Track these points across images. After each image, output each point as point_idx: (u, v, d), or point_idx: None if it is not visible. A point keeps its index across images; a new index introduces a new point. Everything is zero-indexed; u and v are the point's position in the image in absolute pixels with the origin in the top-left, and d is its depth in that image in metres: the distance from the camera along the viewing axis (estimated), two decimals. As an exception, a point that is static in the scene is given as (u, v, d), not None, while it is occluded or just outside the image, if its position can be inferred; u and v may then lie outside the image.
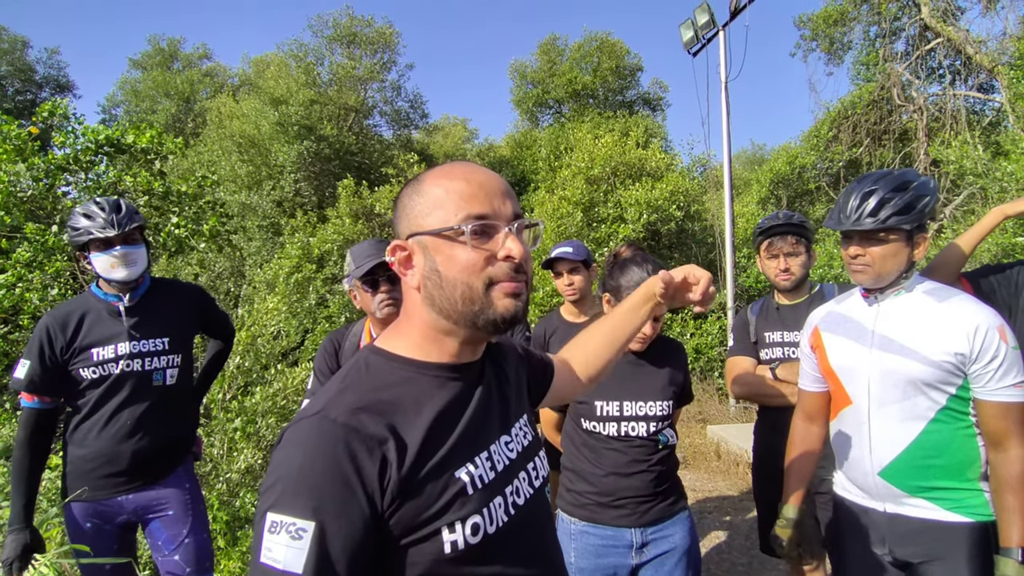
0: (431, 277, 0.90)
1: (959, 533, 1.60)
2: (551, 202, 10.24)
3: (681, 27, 8.69)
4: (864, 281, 1.71)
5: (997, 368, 1.53)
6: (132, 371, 2.21)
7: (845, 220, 1.66)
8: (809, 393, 1.94)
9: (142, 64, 22.05)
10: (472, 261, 0.87)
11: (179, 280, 2.66)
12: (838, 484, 1.88)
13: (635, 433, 1.94)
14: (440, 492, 0.85)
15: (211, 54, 23.38)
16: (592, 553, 1.95)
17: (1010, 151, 8.20)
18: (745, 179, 18.81)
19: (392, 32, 17.92)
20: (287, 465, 0.79)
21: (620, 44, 19.52)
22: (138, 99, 20.65)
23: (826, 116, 13.87)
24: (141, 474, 2.24)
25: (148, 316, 2.29)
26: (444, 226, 0.87)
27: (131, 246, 2.23)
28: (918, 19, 12.65)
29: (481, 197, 0.88)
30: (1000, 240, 6.68)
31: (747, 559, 3.81)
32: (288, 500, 0.76)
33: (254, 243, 13.61)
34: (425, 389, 0.91)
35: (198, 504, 2.39)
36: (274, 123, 14.73)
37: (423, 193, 0.91)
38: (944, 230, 10.10)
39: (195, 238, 6.41)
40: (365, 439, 0.81)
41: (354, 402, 0.85)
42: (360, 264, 2.08)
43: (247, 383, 5.35)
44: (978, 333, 1.55)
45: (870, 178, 1.68)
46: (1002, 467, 1.55)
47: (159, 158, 6.09)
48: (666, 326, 9.36)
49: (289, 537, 0.74)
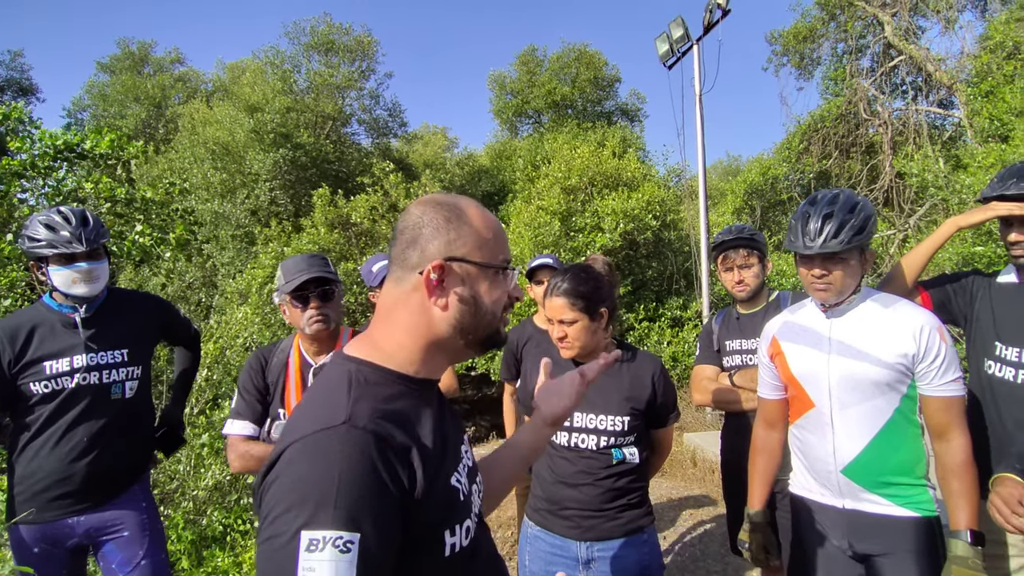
0: (469, 301, 0.97)
1: (909, 527, 1.72)
2: (529, 212, 10.24)
3: (657, 40, 8.80)
4: (827, 299, 1.80)
5: (940, 365, 1.69)
6: (89, 384, 2.13)
7: (811, 244, 1.74)
8: (769, 401, 2.02)
9: (111, 67, 21.47)
10: (500, 295, 1.00)
11: (137, 291, 2.58)
12: (796, 484, 1.97)
13: (584, 445, 1.92)
14: (446, 498, 0.90)
15: (184, 59, 22.93)
16: (542, 559, 1.96)
17: (968, 164, 8.45)
18: (721, 189, 19.08)
19: (371, 40, 17.88)
20: (318, 478, 0.76)
21: (598, 55, 19.76)
22: (106, 103, 20.13)
23: (797, 129, 14.17)
24: (94, 494, 2.14)
25: (106, 328, 2.21)
26: (491, 262, 0.98)
27: (95, 261, 2.15)
28: (882, 37, 13.03)
29: (505, 242, 1.03)
30: (960, 250, 6.86)
31: (721, 566, 3.83)
32: (330, 514, 0.73)
33: (227, 253, 13.38)
34: (418, 402, 0.95)
35: (155, 523, 2.31)
36: (249, 130, 14.52)
37: (471, 225, 0.98)
38: (908, 240, 10.36)
39: (161, 247, 6.26)
40: (394, 447, 0.83)
41: (375, 411, 0.86)
42: (290, 279, 2.04)
43: (216, 396, 5.22)
44: (922, 333, 1.70)
45: (822, 201, 1.78)
46: (946, 456, 1.71)
47: (120, 164, 5.93)
48: (643, 334, 9.40)
49: (338, 552, 0.72)
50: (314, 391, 0.96)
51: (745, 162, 25.60)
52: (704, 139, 8.43)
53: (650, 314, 9.73)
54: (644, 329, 9.44)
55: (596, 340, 1.95)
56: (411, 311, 0.96)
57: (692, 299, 9.86)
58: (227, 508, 3.73)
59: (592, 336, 1.93)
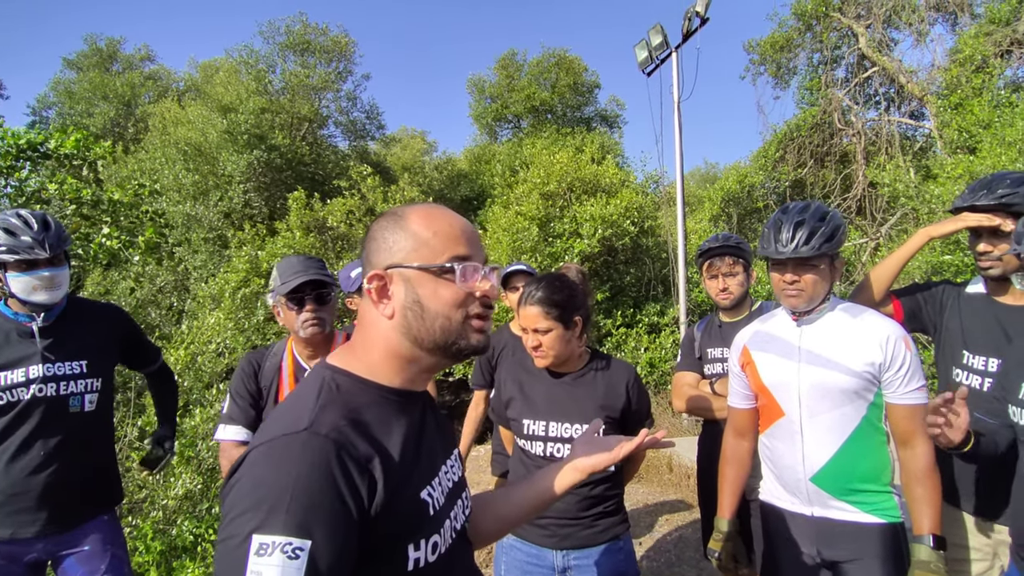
0: (412, 308, 0.95)
1: (875, 533, 1.76)
2: (507, 217, 10.22)
3: (636, 47, 8.86)
4: (798, 305, 1.83)
5: (905, 374, 1.73)
6: (45, 396, 2.04)
7: (783, 249, 1.77)
8: (739, 410, 2.04)
9: (78, 64, 20.80)
10: (455, 297, 0.95)
11: (98, 301, 2.50)
12: (765, 491, 2.00)
13: (560, 454, 1.92)
14: (411, 511, 0.89)
15: (154, 56, 22.36)
16: (518, 569, 1.96)
17: (937, 175, 8.66)
18: (699, 196, 19.27)
19: (347, 41, 17.68)
20: (274, 483, 0.76)
21: (578, 61, 19.84)
22: (73, 101, 19.51)
23: (773, 137, 14.38)
24: (55, 519, 2.05)
25: (64, 337, 2.13)
26: (431, 263, 0.94)
27: (57, 268, 2.07)
28: (856, 48, 13.31)
29: (463, 240, 0.97)
30: (929, 258, 7.02)
31: (696, 571, 3.85)
32: (281, 519, 0.74)
33: (199, 256, 13.09)
34: (390, 412, 0.95)
35: (117, 536, 2.23)
36: (222, 131, 14.24)
37: (407, 229, 0.96)
38: (880, 248, 10.57)
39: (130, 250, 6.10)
40: (354, 455, 0.83)
41: (339, 419, 0.86)
42: (287, 281, 2.00)
43: (187, 403, 5.10)
44: (889, 342, 1.74)
45: (794, 210, 1.83)
46: (911, 462, 1.75)
47: (86, 164, 5.77)
48: (620, 340, 9.43)
49: (285, 557, 0.72)
50: (288, 397, 0.97)
51: (722, 169, 25.93)
52: (682, 146, 8.51)
53: (627, 320, 9.77)
54: (621, 335, 9.47)
55: (570, 349, 1.96)
56: (371, 323, 0.99)
57: (669, 305, 9.92)
58: (198, 517, 3.64)
59: (566, 345, 1.94)
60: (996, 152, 7.67)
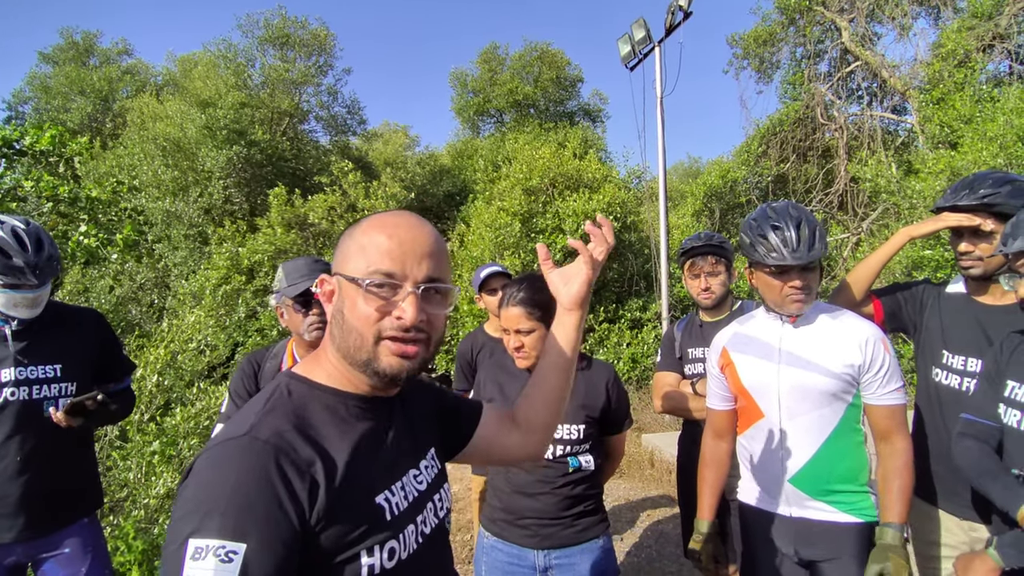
0: (336, 317, 0.95)
1: (852, 533, 1.77)
2: (490, 213, 10.18)
3: (619, 42, 8.83)
4: (802, 310, 1.79)
5: (884, 375, 1.74)
6: (18, 400, 2.02)
7: (797, 253, 1.71)
8: (717, 412, 2.03)
9: (53, 59, 20.35)
10: (366, 313, 0.91)
11: (75, 305, 2.45)
12: (744, 491, 2.00)
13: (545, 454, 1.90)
14: (362, 516, 0.88)
15: (132, 50, 21.82)
16: (499, 570, 1.96)
17: (919, 170, 8.75)
18: (681, 191, 19.34)
19: (327, 35, 17.45)
20: (213, 487, 0.78)
21: (560, 55, 19.77)
22: (49, 96, 19.09)
23: (756, 132, 14.46)
24: (32, 524, 2.03)
25: (38, 340, 2.10)
26: (355, 275, 0.92)
27: (42, 288, 2.03)
28: (839, 43, 13.41)
29: (396, 255, 0.92)
30: (910, 253, 7.10)
31: (677, 567, 3.87)
32: (216, 522, 0.74)
33: (180, 253, 12.88)
34: (345, 418, 0.94)
35: (98, 539, 2.22)
36: (201, 126, 14.00)
37: (354, 237, 0.96)
38: (862, 243, 10.68)
39: (108, 248, 5.98)
40: (295, 460, 0.83)
41: (282, 424, 0.87)
42: (294, 283, 2.00)
43: (167, 402, 5.02)
44: (868, 344, 1.74)
45: (783, 212, 1.78)
46: (889, 458, 1.76)
47: (62, 160, 5.65)
48: (603, 335, 9.44)
49: (218, 561, 0.72)
50: (244, 405, 0.97)
51: (705, 164, 26.04)
52: (665, 141, 8.50)
53: (610, 315, 9.78)
54: (604, 330, 9.48)
55: None
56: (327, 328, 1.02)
57: (652, 301, 9.95)
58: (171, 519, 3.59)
59: None
60: (977, 147, 7.75)
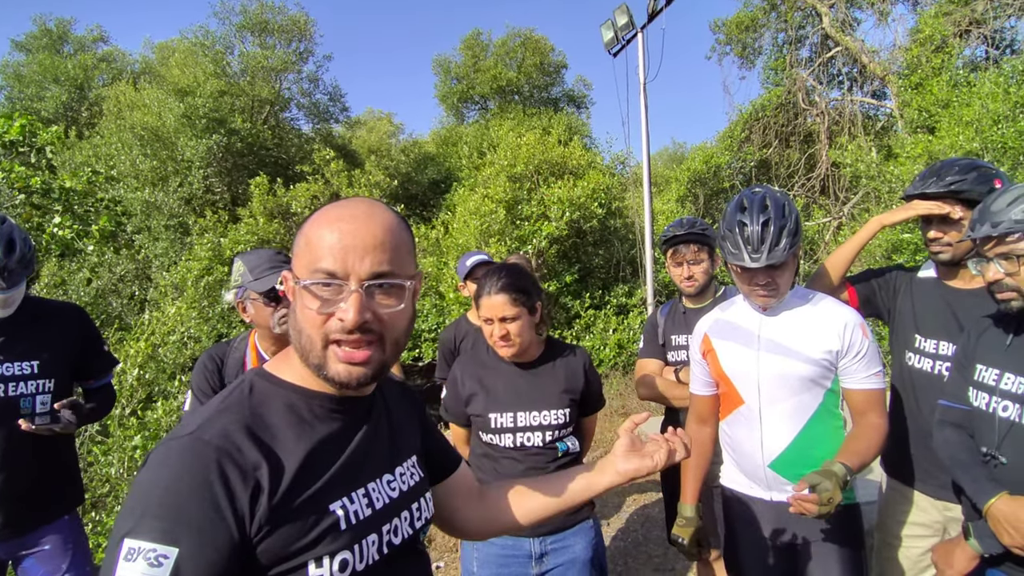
0: (291, 317, 0.91)
1: (832, 516, 1.74)
2: (474, 200, 10.13)
3: (602, 27, 8.79)
4: (769, 304, 1.81)
5: (863, 360, 1.76)
6: None
7: (756, 256, 1.70)
8: (700, 397, 2.05)
9: (27, 46, 19.81)
10: (311, 316, 0.86)
11: (54, 300, 2.40)
12: (726, 477, 2.03)
13: (531, 443, 1.94)
14: (312, 524, 0.83)
15: (107, 37, 21.29)
16: (493, 563, 1.96)
17: (898, 154, 8.83)
18: (666, 177, 19.36)
19: (307, 20, 17.16)
20: (151, 487, 0.76)
21: (544, 41, 19.66)
22: (22, 84, 18.55)
23: (739, 118, 14.51)
24: (11, 522, 2.01)
25: (14, 336, 2.05)
26: (299, 274, 0.88)
27: (14, 288, 1.98)
28: (820, 28, 13.44)
29: (337, 251, 0.85)
30: (889, 237, 7.18)
31: (662, 551, 3.90)
32: (149, 524, 0.72)
33: (160, 244, 12.68)
34: (307, 418, 0.90)
35: (79, 535, 2.19)
36: (180, 115, 13.73)
37: (303, 231, 0.90)
38: (843, 228, 10.79)
39: (84, 239, 5.88)
40: (239, 462, 0.79)
41: (231, 424, 0.83)
42: (260, 277, 1.92)
43: (149, 396, 4.97)
44: (847, 330, 1.75)
45: (755, 206, 1.75)
46: (859, 425, 1.78)
47: (35, 151, 5.54)
48: (589, 321, 9.48)
49: (147, 565, 0.70)
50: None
51: (690, 150, 26.10)
52: (648, 127, 8.51)
53: (596, 302, 9.82)
54: (590, 317, 9.52)
55: (532, 336, 1.97)
56: None
57: (637, 286, 10.00)
58: (117, 517, 3.57)
59: (531, 332, 1.95)
60: (954, 132, 7.83)
